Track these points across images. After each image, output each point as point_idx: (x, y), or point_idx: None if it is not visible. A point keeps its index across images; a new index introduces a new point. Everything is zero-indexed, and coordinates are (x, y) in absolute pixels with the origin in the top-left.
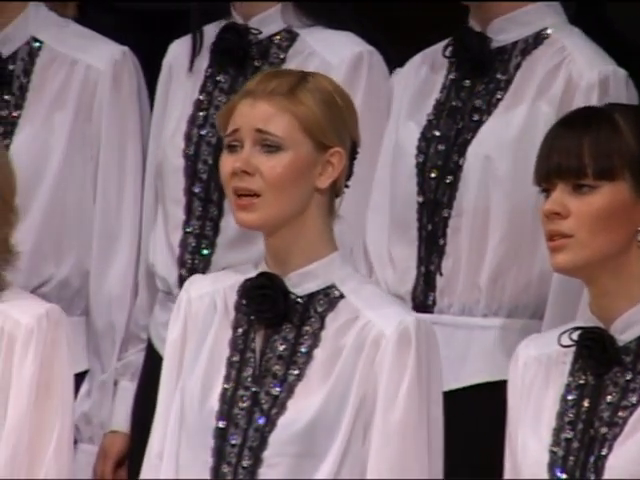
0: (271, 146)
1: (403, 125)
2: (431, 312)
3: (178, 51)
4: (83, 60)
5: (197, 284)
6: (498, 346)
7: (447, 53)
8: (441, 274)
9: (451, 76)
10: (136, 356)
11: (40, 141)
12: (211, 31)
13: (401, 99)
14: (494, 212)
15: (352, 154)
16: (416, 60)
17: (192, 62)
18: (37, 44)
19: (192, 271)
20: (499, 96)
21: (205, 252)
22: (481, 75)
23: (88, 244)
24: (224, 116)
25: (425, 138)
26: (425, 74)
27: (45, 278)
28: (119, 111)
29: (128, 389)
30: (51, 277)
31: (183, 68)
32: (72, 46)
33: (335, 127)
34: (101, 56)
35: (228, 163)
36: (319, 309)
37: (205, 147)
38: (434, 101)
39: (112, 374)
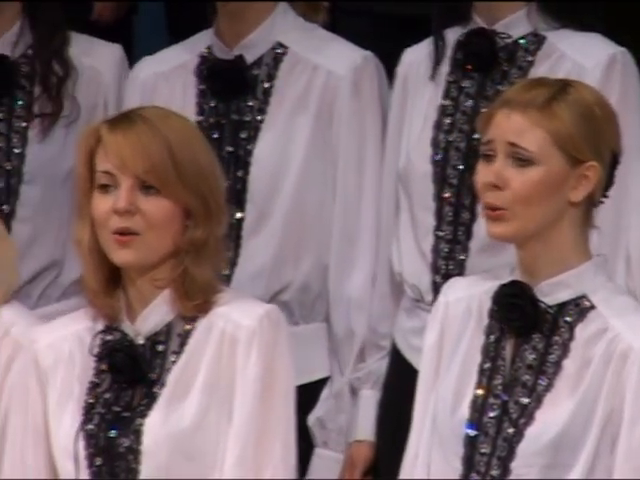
0: (523, 160)
1: None
2: None
3: (413, 58)
4: (324, 66)
5: (454, 287)
6: None
7: None
8: None
9: None
10: (377, 364)
11: (281, 146)
12: (449, 36)
13: None
14: None
15: (612, 164)
16: None
17: (435, 67)
18: (281, 49)
19: (447, 277)
20: None
21: (460, 257)
22: None
23: (327, 248)
24: (483, 122)
25: None
26: None
27: (285, 283)
28: (359, 116)
29: (371, 398)
30: (291, 282)
31: (421, 74)
32: (315, 51)
33: (591, 141)
34: (342, 62)
35: (482, 174)
36: (569, 319)
37: (454, 152)
38: None
39: (348, 381)
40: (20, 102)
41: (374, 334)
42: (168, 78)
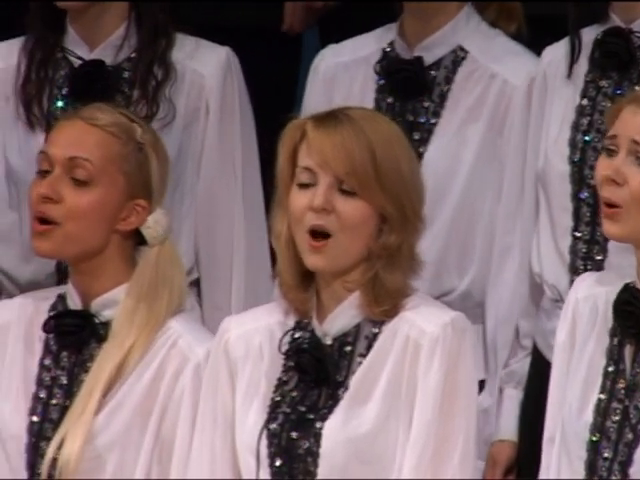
0: None
1: None
2: None
3: (551, 57)
4: (501, 74)
5: (584, 284)
6: None
7: None
8: None
9: None
10: (520, 364)
11: (452, 151)
12: (586, 36)
13: None
14: None
15: None
16: None
17: (571, 67)
18: (462, 53)
19: None
20: None
21: (598, 258)
22: None
23: (490, 257)
24: (610, 115)
25: None
26: None
27: (447, 289)
28: (526, 126)
29: (514, 397)
30: (453, 289)
31: (559, 74)
32: (494, 59)
33: None
34: (518, 72)
35: (601, 167)
36: None
37: (591, 153)
38: None
39: (498, 382)
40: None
41: (517, 334)
42: (349, 68)
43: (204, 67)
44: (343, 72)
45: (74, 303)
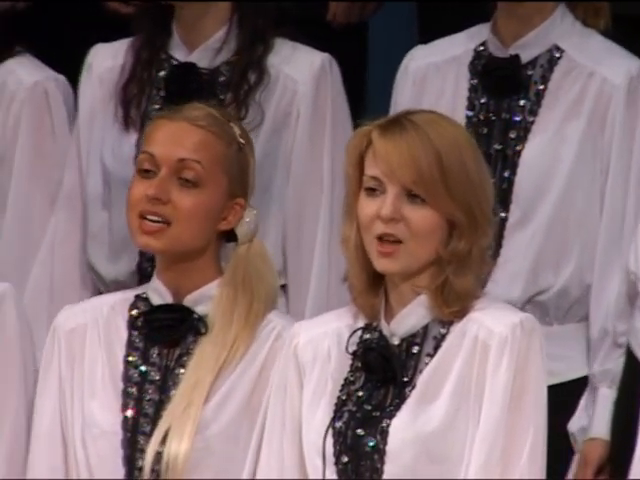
0: None
1: None
2: None
3: None
4: (599, 73)
5: None
6: None
7: None
8: None
9: None
10: (615, 363)
11: (551, 149)
12: None
13: None
14: None
15: None
16: None
17: None
18: (558, 52)
19: None
20: None
21: None
22: None
23: (589, 254)
24: None
25: None
26: None
27: (543, 287)
28: (631, 125)
29: (607, 396)
30: (549, 287)
31: None
32: (591, 58)
33: None
34: (618, 70)
35: None
36: None
37: None
38: None
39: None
40: None
41: (613, 333)
42: (440, 69)
43: (298, 73)
44: (434, 72)
45: (163, 300)
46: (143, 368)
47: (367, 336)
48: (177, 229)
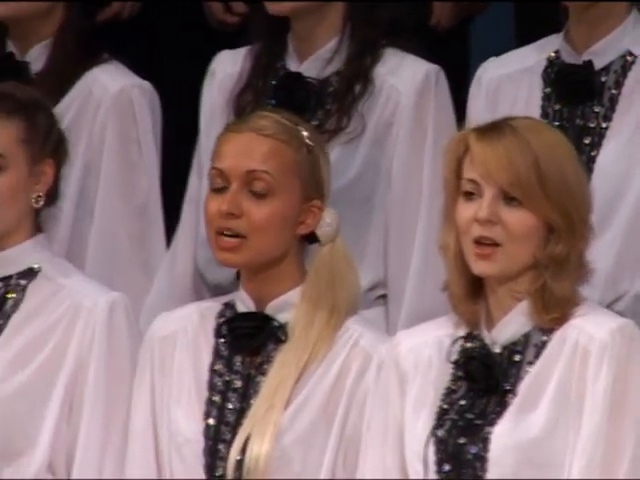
0: None
1: None
2: None
3: None
4: None
5: None
6: None
7: None
8: None
9: None
10: None
11: (626, 154)
12: None
13: None
14: None
15: None
16: None
17: None
18: (631, 58)
19: None
20: None
21: None
22: None
23: None
24: None
25: None
26: None
27: (621, 293)
28: None
29: None
30: (626, 292)
31: None
32: None
33: None
34: None
35: None
36: None
37: None
38: None
39: None
40: (315, 121)
41: None
42: (512, 79)
43: (402, 83)
44: (507, 83)
45: (247, 308)
46: (227, 376)
47: (468, 345)
48: (254, 242)
